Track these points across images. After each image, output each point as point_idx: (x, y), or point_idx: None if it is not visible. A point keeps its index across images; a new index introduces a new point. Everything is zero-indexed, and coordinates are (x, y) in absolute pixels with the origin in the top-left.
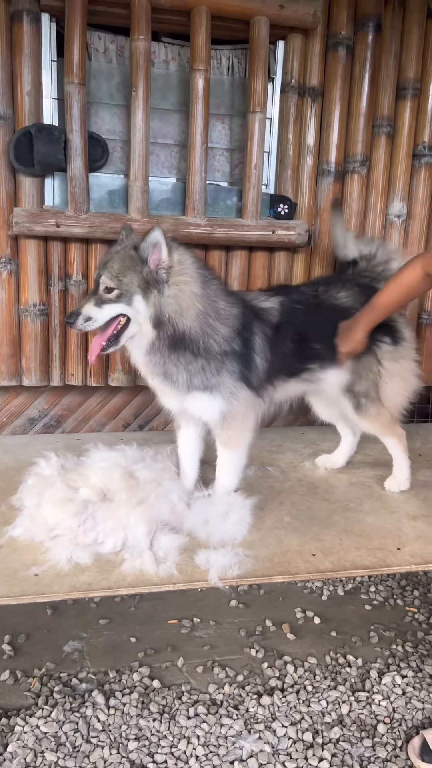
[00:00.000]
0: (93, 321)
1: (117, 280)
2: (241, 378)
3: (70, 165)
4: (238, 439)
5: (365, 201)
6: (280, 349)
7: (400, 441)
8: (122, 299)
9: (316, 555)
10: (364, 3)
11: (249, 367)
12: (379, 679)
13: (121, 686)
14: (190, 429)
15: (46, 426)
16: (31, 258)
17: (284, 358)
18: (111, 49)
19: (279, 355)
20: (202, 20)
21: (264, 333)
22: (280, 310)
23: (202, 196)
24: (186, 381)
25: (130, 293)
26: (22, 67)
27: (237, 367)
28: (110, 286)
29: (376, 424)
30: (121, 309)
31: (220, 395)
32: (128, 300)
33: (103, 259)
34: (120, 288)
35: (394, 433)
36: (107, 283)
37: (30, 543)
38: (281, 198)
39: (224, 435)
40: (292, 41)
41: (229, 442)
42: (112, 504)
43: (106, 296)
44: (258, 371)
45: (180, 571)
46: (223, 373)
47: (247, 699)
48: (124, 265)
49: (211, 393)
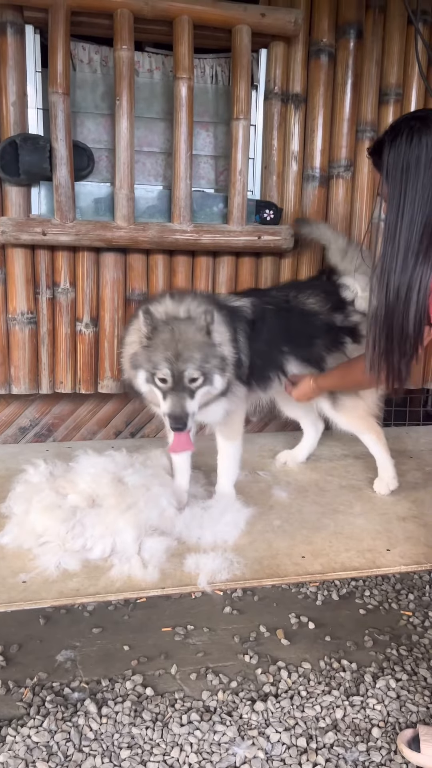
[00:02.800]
0: (195, 414)
1: (201, 370)
2: (236, 377)
3: (56, 174)
4: (238, 430)
5: (351, 205)
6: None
7: (379, 438)
8: (206, 383)
9: (305, 557)
10: (345, 10)
11: (239, 366)
12: (373, 683)
13: (113, 695)
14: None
15: (37, 435)
16: (19, 267)
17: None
18: (95, 60)
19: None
20: (184, 30)
21: (244, 331)
22: (252, 309)
23: (187, 203)
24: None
25: (211, 375)
26: (7, 78)
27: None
28: (196, 376)
29: (353, 417)
30: (205, 391)
31: (225, 398)
32: (210, 381)
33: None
34: (204, 375)
35: (372, 429)
36: (193, 374)
37: (18, 550)
38: (267, 204)
39: (226, 429)
40: (274, 49)
41: (231, 434)
42: (101, 510)
43: (194, 385)
44: (244, 368)
45: (169, 575)
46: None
47: (241, 705)
48: (205, 353)
49: (218, 400)
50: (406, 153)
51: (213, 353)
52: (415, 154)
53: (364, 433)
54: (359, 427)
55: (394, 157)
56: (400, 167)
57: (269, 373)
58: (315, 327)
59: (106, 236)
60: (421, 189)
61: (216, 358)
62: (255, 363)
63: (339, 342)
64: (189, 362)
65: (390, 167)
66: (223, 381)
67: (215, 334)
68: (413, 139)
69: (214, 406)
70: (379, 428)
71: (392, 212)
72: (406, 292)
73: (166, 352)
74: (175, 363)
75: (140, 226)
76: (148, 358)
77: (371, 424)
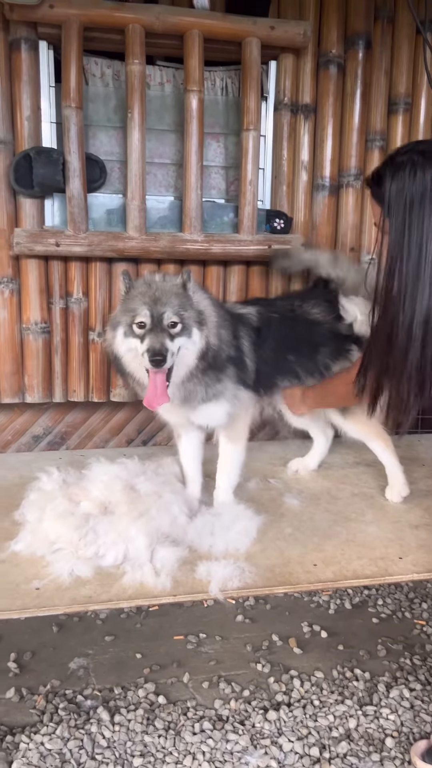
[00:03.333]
0: (173, 356)
1: (180, 315)
2: (239, 380)
3: (69, 186)
4: (241, 433)
5: (360, 214)
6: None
7: (387, 445)
8: (184, 333)
9: (317, 565)
10: (354, 21)
11: (243, 369)
12: (386, 693)
13: (126, 702)
14: (191, 436)
15: (50, 443)
16: (32, 277)
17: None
18: (107, 74)
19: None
20: (194, 43)
21: (249, 336)
22: (258, 317)
23: (198, 213)
24: (202, 396)
25: (189, 327)
26: (21, 93)
27: (234, 370)
28: (175, 321)
29: (361, 425)
30: (182, 342)
31: (225, 400)
32: (188, 333)
33: (146, 299)
34: (182, 322)
35: (380, 437)
36: (172, 318)
37: (32, 557)
38: (277, 213)
39: (230, 431)
40: (283, 61)
41: (234, 436)
42: (113, 517)
43: (173, 331)
44: (249, 372)
45: (181, 583)
46: (226, 379)
47: (254, 714)
48: (181, 301)
49: (217, 400)
50: (410, 188)
51: (190, 304)
52: (420, 190)
53: (372, 441)
54: (367, 435)
55: (397, 191)
56: (404, 202)
57: (276, 380)
58: (320, 335)
59: (118, 247)
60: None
61: (193, 310)
62: (261, 369)
63: (344, 350)
64: (167, 305)
65: (392, 201)
66: (201, 337)
67: (192, 293)
68: (416, 174)
69: (214, 406)
70: (386, 436)
71: (396, 246)
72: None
73: (144, 298)
74: (153, 306)
75: (152, 237)
76: (126, 309)
77: (379, 431)
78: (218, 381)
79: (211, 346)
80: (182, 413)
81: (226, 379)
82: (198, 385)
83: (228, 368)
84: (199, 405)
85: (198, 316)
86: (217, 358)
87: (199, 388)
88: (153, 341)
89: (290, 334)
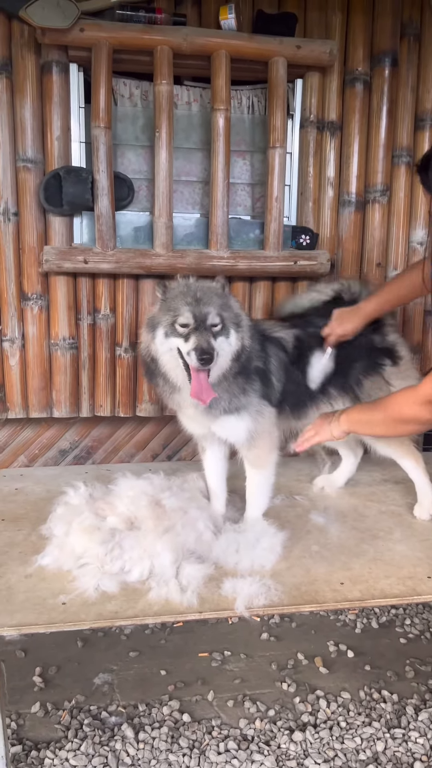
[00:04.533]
0: (217, 355)
1: (220, 316)
2: (263, 396)
3: (98, 204)
4: (266, 458)
5: (387, 229)
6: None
7: (418, 463)
8: (223, 333)
9: (344, 584)
10: (380, 39)
11: (268, 385)
12: (415, 716)
13: (150, 720)
14: (215, 450)
15: (76, 457)
16: (61, 294)
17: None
18: (136, 94)
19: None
20: (221, 63)
21: (278, 357)
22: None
23: (224, 230)
24: (225, 405)
25: (227, 328)
26: (52, 114)
27: (259, 386)
28: (216, 322)
29: (393, 444)
30: (222, 341)
31: (247, 414)
32: (227, 333)
33: (189, 299)
34: (223, 323)
35: (411, 454)
36: (215, 319)
37: (58, 572)
38: (303, 229)
39: (252, 455)
40: (309, 79)
41: (257, 461)
42: (139, 532)
43: (215, 330)
44: (275, 391)
45: (206, 599)
46: (251, 392)
47: (279, 734)
48: (223, 302)
49: (239, 413)
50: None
51: (229, 306)
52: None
53: (403, 458)
54: (398, 452)
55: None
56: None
57: (305, 401)
58: (353, 348)
59: (145, 263)
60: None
61: (231, 312)
62: (289, 389)
63: (377, 364)
64: (210, 305)
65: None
66: (238, 338)
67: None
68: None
69: (236, 420)
70: (418, 453)
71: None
72: None
73: (186, 298)
74: (196, 306)
75: (178, 253)
76: (167, 309)
77: (410, 449)
78: (243, 392)
79: (246, 348)
80: (204, 423)
81: (252, 392)
82: (225, 392)
83: (254, 381)
84: (220, 416)
85: (236, 317)
86: (249, 361)
87: (224, 396)
88: (200, 340)
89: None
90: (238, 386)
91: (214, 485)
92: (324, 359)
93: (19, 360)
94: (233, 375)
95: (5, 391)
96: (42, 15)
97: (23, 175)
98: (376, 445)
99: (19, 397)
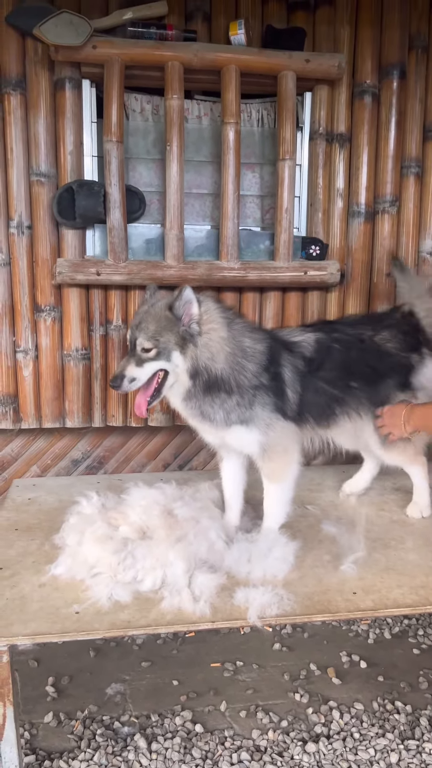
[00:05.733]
0: (136, 381)
1: (154, 341)
2: (275, 409)
3: (110, 217)
4: (282, 472)
5: (396, 239)
6: (313, 383)
7: (423, 468)
8: (161, 357)
9: (356, 593)
10: (389, 52)
11: (282, 398)
12: (429, 727)
13: (163, 730)
14: (232, 461)
15: (88, 467)
16: (74, 305)
17: (318, 391)
18: (147, 109)
19: (311, 389)
20: (231, 78)
21: (294, 366)
22: (315, 346)
23: (235, 242)
24: (224, 418)
25: (168, 350)
26: (65, 129)
27: (269, 399)
28: (147, 347)
29: (403, 456)
30: (160, 365)
31: (255, 427)
32: (167, 356)
33: (134, 321)
34: (158, 347)
35: (418, 461)
36: (144, 344)
37: (71, 581)
38: (312, 240)
39: (267, 468)
40: (318, 92)
41: (273, 475)
42: (152, 542)
43: (145, 356)
44: (290, 403)
45: (219, 609)
46: (256, 406)
47: (292, 746)
48: (160, 326)
49: (247, 426)
50: None
51: (170, 327)
52: None
53: (411, 465)
54: (406, 461)
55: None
56: None
57: (333, 410)
58: (388, 366)
59: (156, 275)
60: None
61: (173, 333)
62: (309, 399)
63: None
64: (140, 331)
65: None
66: (186, 359)
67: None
68: None
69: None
70: (424, 459)
71: None
72: None
73: (134, 321)
74: (134, 331)
75: (189, 265)
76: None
77: (418, 457)
78: (242, 407)
79: (203, 368)
80: (214, 432)
81: (258, 406)
82: (208, 406)
83: (258, 396)
84: (229, 426)
85: (180, 339)
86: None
87: (211, 410)
88: (119, 365)
89: (355, 361)
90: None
91: (229, 496)
92: None
93: (32, 371)
94: (203, 390)
95: (19, 402)
96: (55, 33)
97: (37, 188)
98: (386, 457)
99: (32, 407)
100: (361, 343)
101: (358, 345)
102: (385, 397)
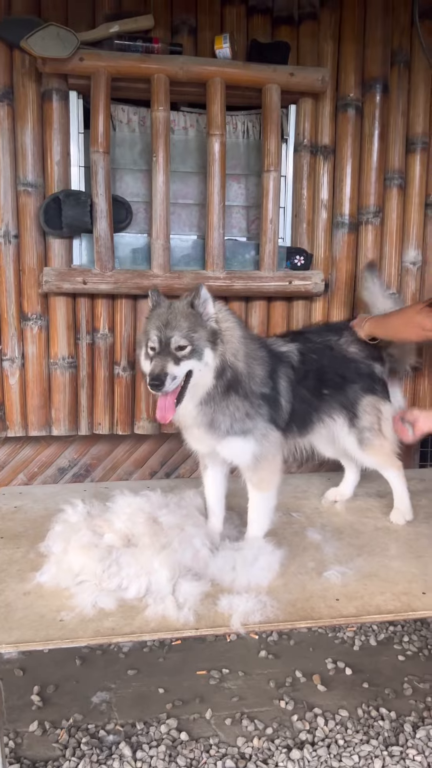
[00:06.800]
0: (177, 379)
1: (189, 338)
2: (270, 420)
3: (96, 226)
4: (270, 481)
5: (380, 250)
6: (300, 392)
7: (400, 471)
8: (194, 355)
9: (339, 600)
10: (371, 66)
11: (276, 408)
12: (413, 733)
13: (148, 738)
14: (216, 469)
15: (75, 475)
16: (60, 314)
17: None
18: (134, 120)
19: (299, 398)
20: (217, 90)
21: (287, 376)
22: (299, 356)
23: (220, 251)
24: (228, 427)
25: (200, 347)
26: (53, 140)
27: (267, 409)
28: (183, 344)
29: (380, 456)
30: (193, 364)
31: (253, 438)
32: (199, 354)
33: (158, 322)
34: (192, 344)
35: (395, 465)
36: (180, 342)
37: (56, 589)
38: (297, 250)
39: (256, 477)
40: (303, 105)
41: (261, 484)
42: (136, 549)
43: (181, 353)
44: (283, 413)
45: (203, 616)
46: (257, 417)
47: (277, 753)
48: (192, 322)
49: (245, 437)
50: None
51: (200, 324)
52: None
53: (387, 469)
54: (384, 464)
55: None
56: None
57: (312, 418)
58: (353, 372)
59: (143, 284)
60: None
61: (204, 330)
62: (297, 408)
63: (374, 388)
64: (175, 329)
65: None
66: (215, 356)
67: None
68: None
69: (241, 442)
70: (400, 463)
71: None
72: None
73: (157, 322)
74: (163, 330)
75: (176, 274)
76: (145, 330)
77: (394, 460)
78: (248, 417)
79: (229, 365)
80: (209, 442)
81: (258, 416)
82: (221, 413)
83: (261, 405)
84: (225, 437)
85: (211, 335)
86: (241, 381)
87: (222, 418)
88: (155, 366)
89: (327, 369)
90: (238, 409)
91: (212, 503)
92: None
93: (18, 379)
94: (222, 393)
95: (5, 410)
96: (42, 45)
97: (24, 198)
98: (364, 459)
99: (19, 415)
100: (331, 350)
101: (329, 352)
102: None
